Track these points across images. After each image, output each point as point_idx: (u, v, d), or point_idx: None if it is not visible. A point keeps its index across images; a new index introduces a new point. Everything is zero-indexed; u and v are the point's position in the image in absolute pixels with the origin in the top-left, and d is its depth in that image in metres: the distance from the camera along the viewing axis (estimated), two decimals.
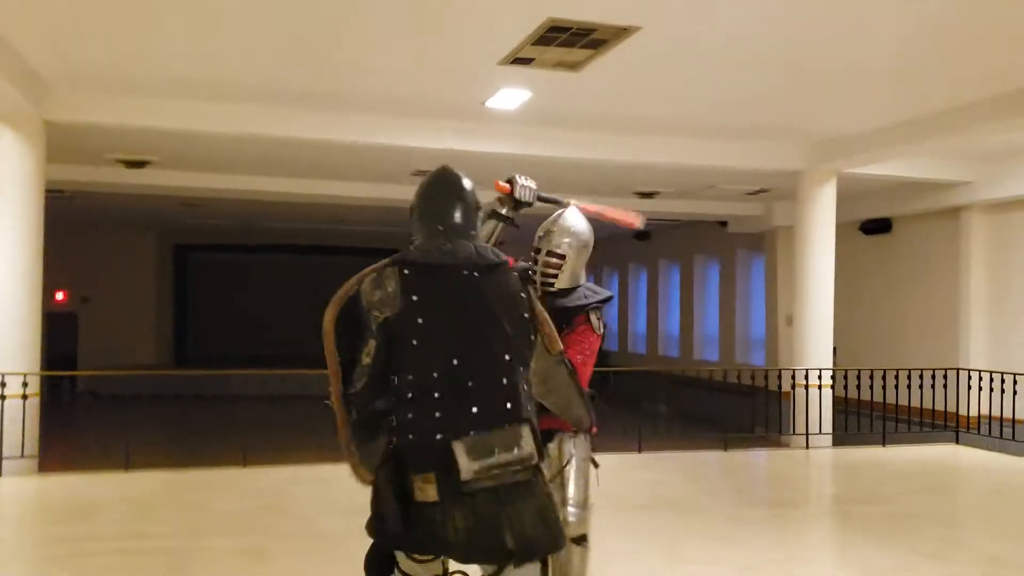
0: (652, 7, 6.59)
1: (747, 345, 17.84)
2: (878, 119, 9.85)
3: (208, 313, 23.39)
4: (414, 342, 2.47)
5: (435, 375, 2.45)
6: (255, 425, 9.42)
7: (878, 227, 14.23)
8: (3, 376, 8.04)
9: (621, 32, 7.07)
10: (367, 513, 2.52)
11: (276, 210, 16.85)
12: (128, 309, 21.20)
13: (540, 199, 3.58)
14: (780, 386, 11.22)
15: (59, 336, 18.17)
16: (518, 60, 7.78)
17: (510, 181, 3.49)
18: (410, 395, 2.46)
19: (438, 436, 2.41)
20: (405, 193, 13.51)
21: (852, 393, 10.74)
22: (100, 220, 19.03)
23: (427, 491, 2.41)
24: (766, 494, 8.44)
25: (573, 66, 7.96)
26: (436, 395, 2.44)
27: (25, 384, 8.21)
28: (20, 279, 8.50)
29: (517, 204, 3.47)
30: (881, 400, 10.71)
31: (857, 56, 7.60)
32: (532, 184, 3.51)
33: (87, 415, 16.88)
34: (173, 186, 13.21)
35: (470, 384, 2.46)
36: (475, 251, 2.63)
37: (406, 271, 2.55)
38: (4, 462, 7.88)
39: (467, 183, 2.79)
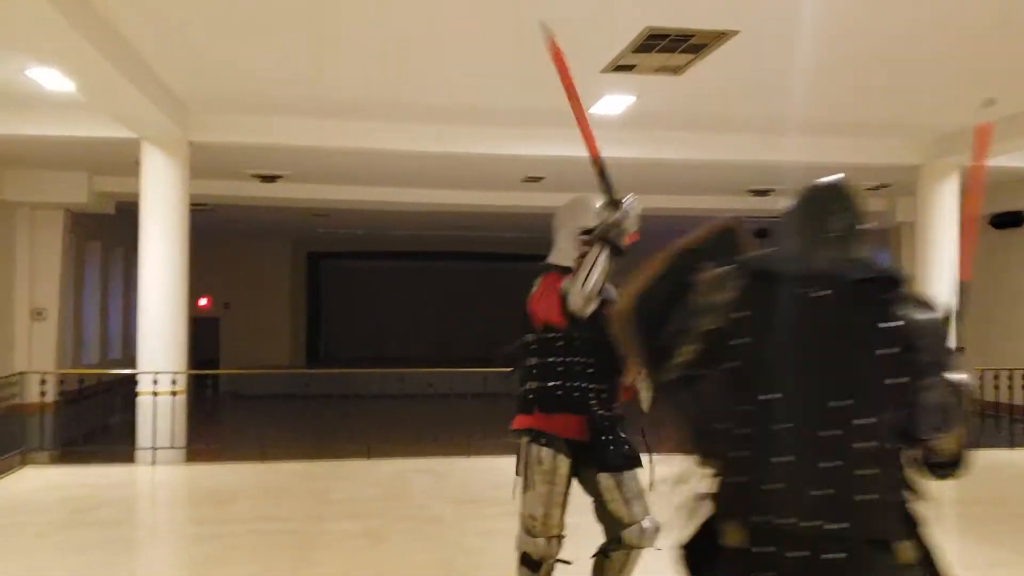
0: (746, 11, 6.71)
1: None
2: (1000, 109, 9.54)
3: (339, 317, 24.50)
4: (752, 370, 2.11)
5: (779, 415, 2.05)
6: (379, 421, 9.96)
7: (1009, 221, 13.65)
8: (156, 375, 8.88)
9: (719, 36, 7.22)
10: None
11: (400, 218, 17.59)
12: (265, 314, 22.53)
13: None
14: None
15: (203, 339, 19.46)
16: (620, 67, 8.03)
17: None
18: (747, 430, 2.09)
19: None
20: (517, 199, 14.03)
21: (981, 394, 10.42)
22: (239, 231, 20.29)
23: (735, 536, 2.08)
24: None
25: (675, 70, 8.15)
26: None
27: (174, 382, 9.03)
28: (169, 287, 9.34)
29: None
30: (1008, 401, 10.35)
31: (954, 49, 7.46)
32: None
33: (229, 412, 18.07)
34: (303, 198, 14.05)
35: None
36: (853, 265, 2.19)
37: (751, 279, 2.19)
38: (157, 452, 8.69)
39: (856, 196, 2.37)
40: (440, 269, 24.22)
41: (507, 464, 8.76)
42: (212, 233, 17.98)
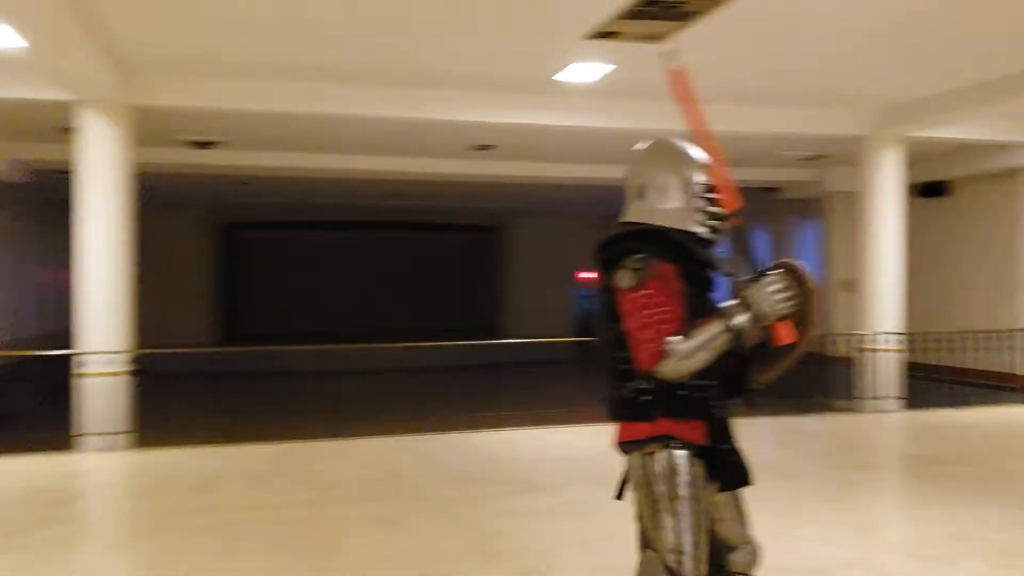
0: None
1: None
2: (940, 85, 9.84)
3: (258, 290, 23.66)
4: None
5: None
6: (321, 400, 9.58)
7: (934, 190, 14.21)
8: (97, 355, 8.31)
9: (711, 3, 7.13)
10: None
11: (329, 186, 17.02)
12: (179, 288, 21.53)
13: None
14: (847, 350, 11.31)
15: None
16: (603, 34, 7.86)
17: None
18: None
19: None
20: (463, 168, 13.74)
21: (911, 357, 10.83)
22: (153, 201, 19.25)
23: None
24: (859, 457, 8.59)
25: (656, 37, 8.02)
26: None
27: (120, 362, 8.52)
28: (113, 260, 8.74)
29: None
30: (941, 363, 10.77)
31: (922, 20, 7.58)
32: None
33: (153, 394, 17.19)
34: (235, 164, 13.39)
35: None
36: None
37: None
38: (103, 438, 8.16)
39: None
40: (371, 240, 23.68)
41: (484, 440, 8.64)
42: None
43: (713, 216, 2.82)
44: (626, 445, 2.81)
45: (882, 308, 11.30)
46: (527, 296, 24.32)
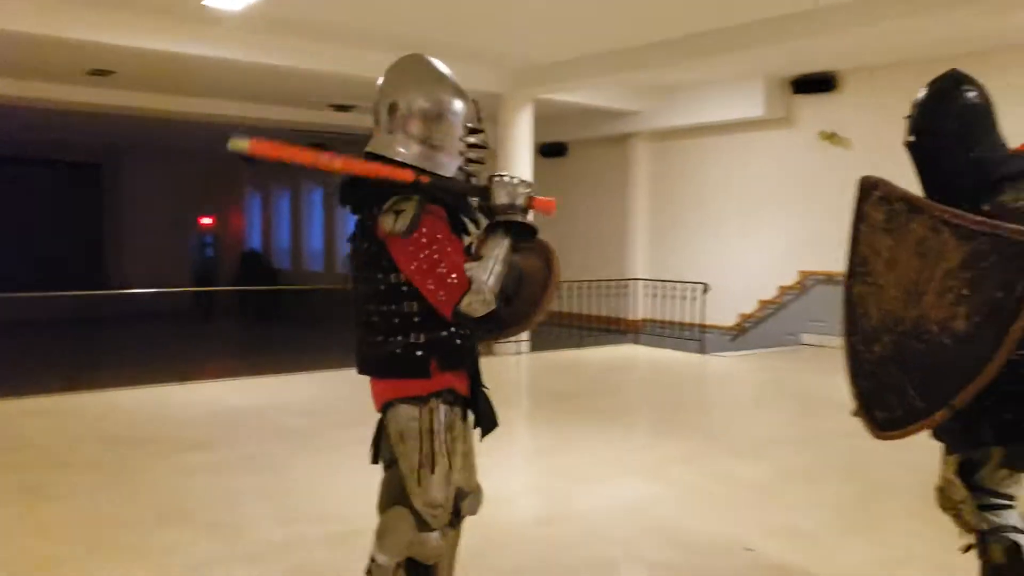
0: None
1: None
2: (572, 51, 10.74)
3: None
4: None
5: None
6: None
7: (554, 150, 15.50)
8: None
9: None
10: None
11: None
12: None
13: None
14: None
15: None
16: None
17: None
18: None
19: None
20: (74, 95, 12.10)
21: None
22: None
23: None
24: (505, 396, 9.17)
25: None
26: None
27: None
28: None
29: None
30: (565, 310, 11.91)
31: None
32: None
33: None
34: None
35: None
36: None
37: None
38: None
39: None
40: None
41: (126, 398, 7.95)
42: None
43: (471, 158, 2.67)
44: (398, 401, 2.60)
45: None
46: (139, 242, 22.40)
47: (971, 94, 2.78)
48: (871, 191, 2.77)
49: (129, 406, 7.60)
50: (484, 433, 2.81)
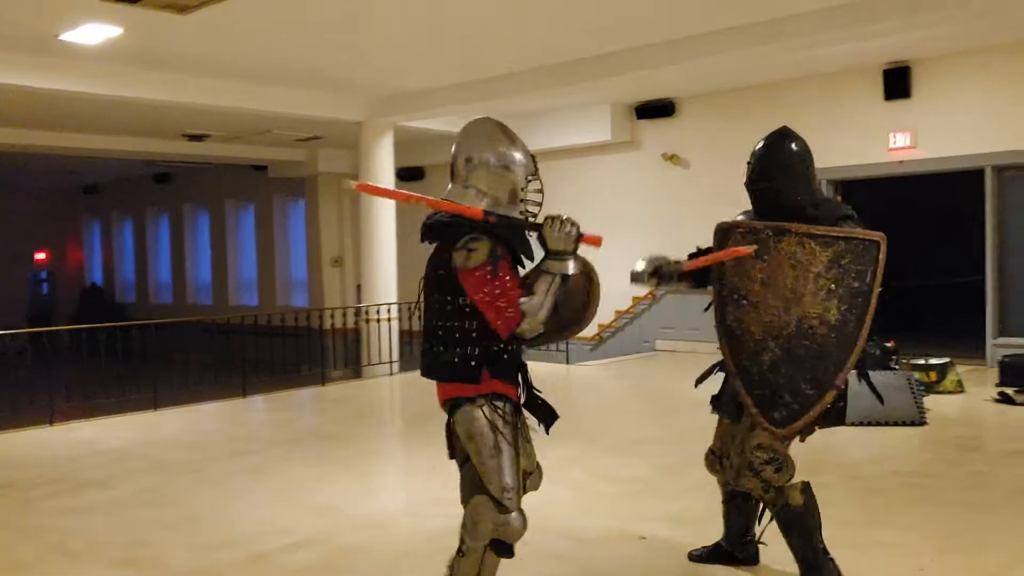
0: None
1: (288, 287, 18.46)
2: (431, 80, 11.16)
3: None
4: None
5: None
6: None
7: (412, 174, 15.82)
8: None
9: None
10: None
11: None
12: None
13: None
14: (339, 324, 12.16)
15: None
16: None
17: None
18: None
19: None
20: None
21: (407, 325, 12.05)
22: None
23: None
24: (388, 416, 9.45)
25: (182, 9, 7.80)
26: None
27: None
28: None
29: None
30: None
31: (418, 23, 8.57)
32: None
33: None
34: None
35: None
36: None
37: None
38: None
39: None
40: None
41: None
42: None
43: (529, 202, 3.20)
44: (456, 401, 3.12)
45: (379, 282, 12.39)
46: None
47: (795, 146, 3.55)
48: (732, 231, 3.40)
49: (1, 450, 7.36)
50: (548, 426, 3.32)
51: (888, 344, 8.23)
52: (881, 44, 9.60)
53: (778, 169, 3.50)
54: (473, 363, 3.07)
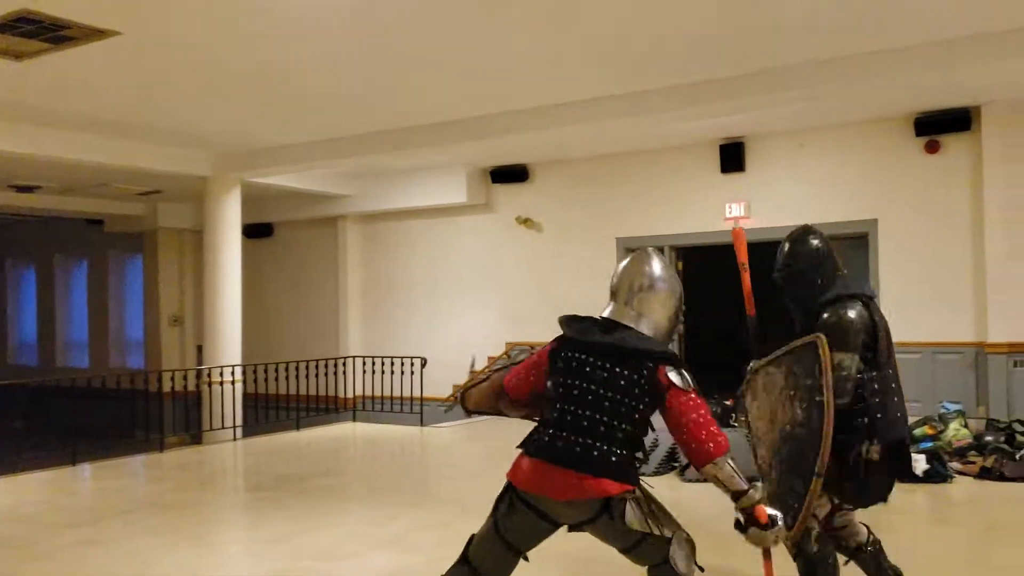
0: (130, 14, 6.59)
1: (123, 348, 17.46)
2: (280, 137, 11.02)
3: None
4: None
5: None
6: None
7: (260, 231, 15.44)
8: None
9: (96, 33, 6.93)
10: None
11: None
12: None
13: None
14: (182, 386, 11.63)
15: None
16: None
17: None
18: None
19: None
20: None
21: (252, 387, 11.67)
22: None
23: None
24: (234, 482, 9.02)
25: (20, 56, 7.43)
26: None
27: None
28: None
29: None
30: (285, 391, 11.81)
31: (272, 80, 8.46)
32: None
33: None
34: None
35: None
36: None
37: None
38: None
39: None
40: None
41: None
42: None
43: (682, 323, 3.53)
44: (604, 497, 3.18)
45: (222, 342, 11.93)
46: None
47: (815, 241, 4.02)
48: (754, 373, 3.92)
49: None
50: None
51: (727, 403, 8.61)
52: (717, 122, 10.27)
53: (794, 260, 4.02)
54: (630, 465, 3.25)
